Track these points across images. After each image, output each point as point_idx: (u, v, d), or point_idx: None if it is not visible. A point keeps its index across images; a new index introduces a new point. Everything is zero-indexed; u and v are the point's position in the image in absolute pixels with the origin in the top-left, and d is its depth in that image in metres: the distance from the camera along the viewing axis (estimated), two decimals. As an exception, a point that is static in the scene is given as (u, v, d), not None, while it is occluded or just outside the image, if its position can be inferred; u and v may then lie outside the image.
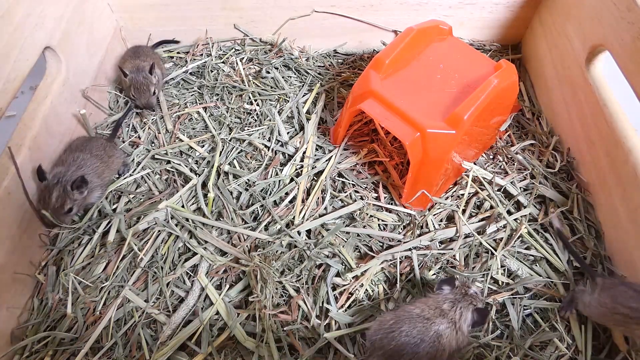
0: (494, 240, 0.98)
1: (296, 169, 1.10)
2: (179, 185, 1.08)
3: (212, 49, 1.36)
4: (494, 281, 0.94)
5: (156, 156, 1.14)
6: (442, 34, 1.12)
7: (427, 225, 1.01)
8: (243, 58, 1.34)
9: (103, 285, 0.94)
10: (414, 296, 0.92)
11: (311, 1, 1.27)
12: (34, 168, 0.97)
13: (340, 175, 1.10)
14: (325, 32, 1.34)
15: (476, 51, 1.11)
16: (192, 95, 1.28)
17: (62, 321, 0.91)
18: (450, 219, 1.03)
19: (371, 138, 1.17)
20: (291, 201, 1.05)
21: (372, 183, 1.09)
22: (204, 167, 1.12)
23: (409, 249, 0.97)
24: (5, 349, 0.87)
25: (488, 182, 1.05)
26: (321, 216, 1.01)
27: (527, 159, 1.11)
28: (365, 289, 0.93)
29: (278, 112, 1.21)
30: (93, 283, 0.95)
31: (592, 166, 1.02)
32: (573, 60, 1.08)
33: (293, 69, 1.33)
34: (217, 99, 1.26)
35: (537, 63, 1.26)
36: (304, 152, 1.12)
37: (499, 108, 1.05)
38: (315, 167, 1.09)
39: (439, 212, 1.03)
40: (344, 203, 1.04)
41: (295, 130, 1.19)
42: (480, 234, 0.98)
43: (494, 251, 0.95)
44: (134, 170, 1.12)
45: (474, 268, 0.95)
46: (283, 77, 1.30)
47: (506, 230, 0.99)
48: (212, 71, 1.32)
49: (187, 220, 1.01)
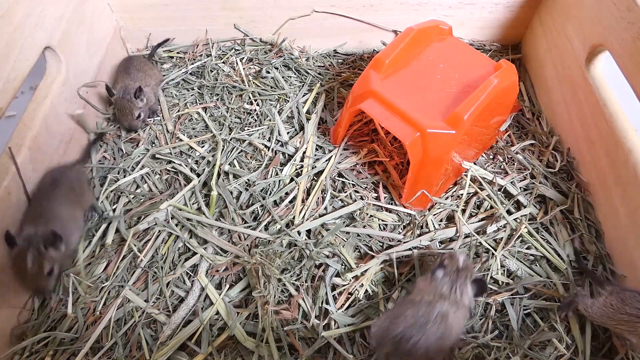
0: (494, 240, 0.98)
1: (296, 169, 1.10)
2: (181, 185, 1.08)
3: (212, 49, 1.36)
4: (494, 281, 0.94)
5: (157, 156, 1.14)
6: (442, 34, 1.12)
7: (427, 225, 1.01)
8: (243, 58, 1.34)
9: (103, 285, 0.94)
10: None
11: (311, 1, 1.27)
12: (34, 168, 0.97)
13: (340, 175, 1.10)
14: (325, 32, 1.34)
15: (476, 51, 1.11)
16: (192, 95, 1.28)
17: (63, 321, 0.91)
18: (450, 219, 1.03)
19: (371, 138, 1.17)
20: (291, 201, 1.05)
21: (372, 183, 1.09)
22: (204, 167, 1.12)
23: (409, 249, 0.97)
24: (5, 349, 0.87)
25: (488, 182, 1.05)
26: (321, 216, 1.01)
27: (527, 159, 1.11)
28: (365, 289, 0.93)
29: (278, 112, 1.21)
30: (93, 283, 0.95)
31: (592, 166, 1.02)
32: (573, 60, 1.08)
33: (293, 69, 1.33)
34: (217, 99, 1.26)
35: (537, 63, 1.26)
36: (304, 152, 1.12)
37: (499, 108, 1.05)
38: (315, 167, 1.09)
39: (439, 212, 1.03)
40: (344, 203, 1.04)
41: (295, 130, 1.19)
42: (480, 234, 0.98)
43: (494, 251, 0.95)
44: (134, 170, 1.12)
45: (474, 268, 0.95)
46: (283, 77, 1.30)
47: (506, 230, 0.99)
48: (212, 71, 1.32)
49: (188, 220, 1.01)
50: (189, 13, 1.30)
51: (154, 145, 1.18)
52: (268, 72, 1.30)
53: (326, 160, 1.11)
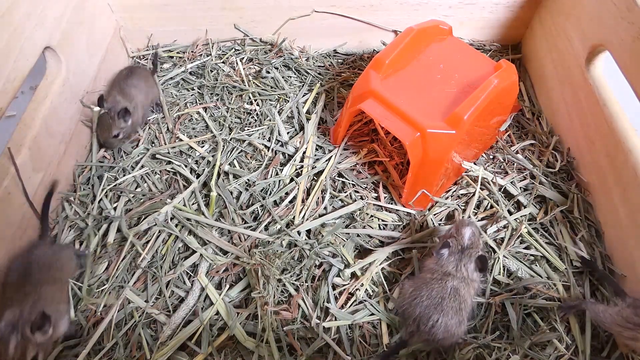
0: (494, 240, 0.98)
1: (296, 169, 1.10)
2: (180, 185, 1.08)
3: (212, 49, 1.36)
4: (495, 281, 0.94)
5: (157, 156, 1.14)
6: (442, 34, 1.12)
7: (427, 224, 1.01)
8: (243, 58, 1.34)
9: (104, 286, 0.94)
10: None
11: (311, 1, 1.27)
12: (34, 168, 0.97)
13: (340, 175, 1.10)
14: (325, 32, 1.34)
15: (476, 51, 1.11)
16: (192, 95, 1.28)
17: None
18: (450, 219, 1.03)
19: (371, 138, 1.17)
20: (291, 201, 1.05)
21: (372, 183, 1.09)
22: (204, 167, 1.12)
23: (410, 243, 0.97)
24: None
25: (488, 182, 1.05)
26: (321, 216, 1.01)
27: (527, 159, 1.11)
28: (365, 289, 0.93)
29: (278, 112, 1.21)
30: (94, 284, 0.95)
31: (592, 166, 1.02)
32: (573, 60, 1.08)
33: (293, 69, 1.33)
34: (217, 99, 1.26)
35: (537, 63, 1.26)
36: (304, 152, 1.12)
37: (499, 108, 1.05)
38: (315, 167, 1.09)
39: (439, 212, 1.03)
40: (344, 203, 1.04)
41: (295, 130, 1.19)
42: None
43: (497, 250, 0.95)
44: (134, 169, 1.12)
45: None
46: (283, 77, 1.30)
47: (507, 230, 0.99)
48: (212, 71, 1.32)
49: (189, 220, 1.01)
50: (189, 13, 1.30)
51: (154, 145, 1.18)
52: (268, 72, 1.30)
53: (326, 160, 1.11)
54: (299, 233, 0.99)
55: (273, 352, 0.85)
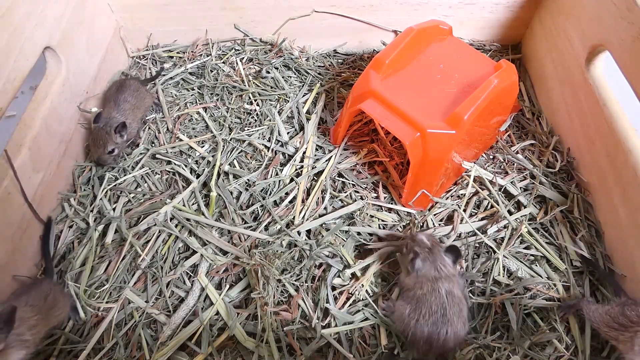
0: (494, 240, 0.98)
1: (296, 169, 1.10)
2: (180, 185, 1.08)
3: (212, 49, 1.35)
4: (495, 282, 0.94)
5: (157, 156, 1.14)
6: (442, 34, 1.12)
7: (427, 225, 1.01)
8: (243, 58, 1.34)
9: (104, 287, 0.94)
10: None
11: (311, 1, 1.27)
12: (34, 168, 0.97)
13: (340, 175, 1.10)
14: (325, 32, 1.34)
15: (476, 51, 1.11)
16: (192, 95, 1.28)
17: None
18: (450, 219, 1.03)
19: (371, 138, 1.17)
20: (291, 201, 1.05)
21: (372, 183, 1.09)
22: (204, 167, 1.12)
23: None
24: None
25: (488, 182, 1.05)
26: (321, 216, 1.01)
27: (527, 159, 1.11)
28: (365, 289, 0.93)
29: (278, 112, 1.21)
30: (94, 284, 0.95)
31: (592, 166, 1.02)
32: (573, 60, 1.08)
33: (293, 69, 1.33)
34: (217, 99, 1.26)
35: (537, 63, 1.26)
36: (304, 152, 1.12)
37: (499, 108, 1.05)
38: (315, 167, 1.09)
39: (439, 212, 1.03)
40: (344, 203, 1.04)
41: (295, 130, 1.19)
42: (480, 234, 0.98)
43: (497, 250, 0.95)
44: (134, 169, 1.12)
45: (475, 268, 0.95)
46: (283, 77, 1.30)
47: (507, 230, 0.99)
48: (212, 71, 1.32)
49: (188, 220, 1.01)
50: (189, 13, 1.30)
51: (154, 145, 1.18)
52: (268, 72, 1.30)
53: (326, 160, 1.11)
54: (299, 233, 0.99)
55: (273, 353, 0.85)
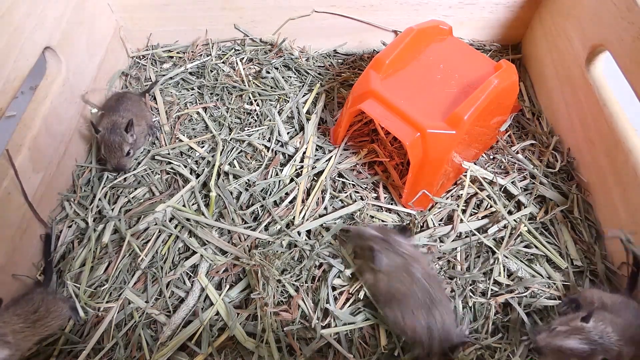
0: (494, 239, 0.98)
1: (296, 169, 1.10)
2: (180, 185, 1.08)
3: (212, 49, 1.35)
4: (495, 282, 0.94)
5: (156, 157, 1.14)
6: (442, 34, 1.12)
7: (427, 225, 1.01)
8: (243, 58, 1.34)
9: (103, 287, 0.94)
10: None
11: (311, 1, 1.27)
12: (34, 168, 0.97)
13: (340, 175, 1.10)
14: (325, 32, 1.34)
15: (476, 51, 1.11)
16: (192, 95, 1.28)
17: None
18: (450, 219, 1.03)
19: (371, 138, 1.17)
20: (291, 201, 1.05)
21: (372, 183, 1.09)
22: (204, 167, 1.12)
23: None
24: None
25: (488, 182, 1.05)
26: (321, 216, 1.01)
27: (528, 159, 1.11)
28: (365, 290, 0.93)
29: (278, 112, 1.21)
30: (94, 285, 0.95)
31: (592, 166, 1.02)
32: (573, 60, 1.08)
33: (293, 69, 1.33)
34: (217, 99, 1.26)
35: (537, 63, 1.26)
36: (304, 153, 1.12)
37: (499, 108, 1.05)
38: (315, 168, 1.09)
39: (439, 212, 1.03)
40: (344, 203, 1.04)
41: (295, 130, 1.19)
42: (480, 234, 0.98)
43: (496, 250, 0.95)
44: (135, 170, 1.12)
45: (475, 268, 0.95)
46: (283, 77, 1.30)
47: (508, 229, 0.99)
48: (212, 71, 1.32)
49: (188, 220, 1.01)
50: (189, 13, 1.30)
51: (154, 145, 1.17)
52: (268, 72, 1.30)
53: (326, 160, 1.11)
54: (299, 233, 0.99)
55: (273, 353, 0.85)
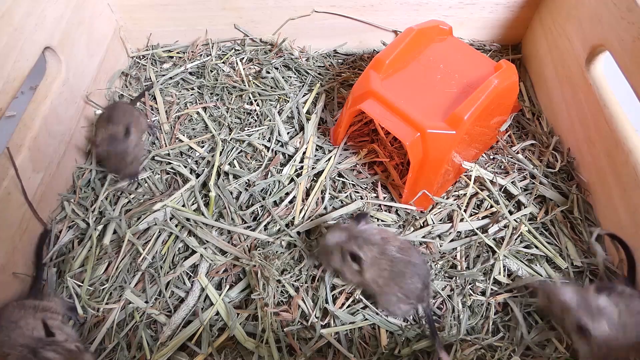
0: (494, 239, 0.98)
1: (296, 170, 1.10)
2: (180, 185, 1.08)
3: (212, 49, 1.35)
4: (495, 281, 0.94)
5: (156, 157, 1.14)
6: (442, 34, 1.12)
7: (427, 223, 1.01)
8: (243, 58, 1.34)
9: (103, 287, 0.94)
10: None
11: (311, 1, 1.27)
12: (34, 168, 0.97)
13: (340, 175, 1.10)
14: (325, 32, 1.34)
15: (476, 51, 1.11)
16: (192, 95, 1.28)
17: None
18: (450, 219, 1.03)
19: (371, 138, 1.17)
20: (291, 201, 1.05)
21: (372, 183, 1.09)
22: (204, 167, 1.12)
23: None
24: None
25: (489, 182, 1.05)
26: (321, 216, 1.01)
27: (528, 159, 1.11)
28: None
29: (278, 112, 1.21)
30: (94, 285, 0.95)
31: (592, 166, 1.02)
32: (573, 60, 1.08)
33: (293, 69, 1.33)
34: (217, 99, 1.26)
35: (537, 63, 1.26)
36: (304, 153, 1.12)
37: (499, 108, 1.05)
38: (315, 168, 1.09)
39: (439, 212, 1.03)
40: (344, 203, 1.04)
41: (295, 130, 1.19)
42: (481, 234, 0.99)
43: (497, 250, 0.95)
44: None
45: (475, 268, 0.95)
46: (283, 77, 1.30)
47: (508, 229, 0.99)
48: (212, 71, 1.32)
49: (188, 220, 1.01)
50: (189, 13, 1.30)
51: (154, 146, 1.17)
52: (268, 72, 1.30)
53: (326, 160, 1.11)
54: (299, 233, 0.99)
55: (273, 353, 0.85)
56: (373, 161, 1.12)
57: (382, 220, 1.02)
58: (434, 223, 1.01)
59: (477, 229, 0.99)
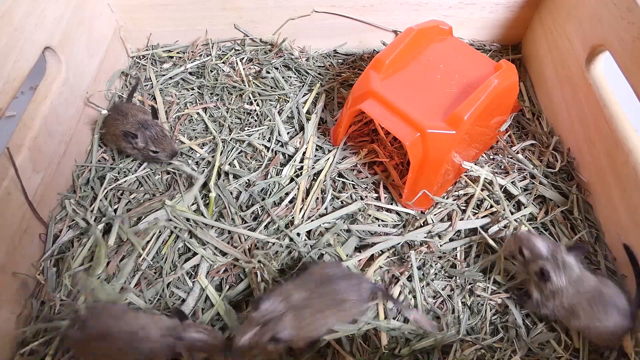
0: (494, 240, 0.98)
1: (296, 170, 1.10)
2: (180, 185, 1.08)
3: (212, 49, 1.35)
4: (494, 281, 0.94)
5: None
6: (442, 34, 1.12)
7: (427, 223, 1.01)
8: (243, 58, 1.34)
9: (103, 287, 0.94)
10: (415, 295, 0.92)
11: (311, 1, 1.27)
12: (34, 168, 0.97)
13: (340, 175, 1.10)
14: (325, 32, 1.34)
15: (476, 51, 1.11)
16: (192, 95, 1.28)
17: (66, 322, 0.91)
18: (450, 219, 1.02)
19: (371, 138, 1.17)
20: (291, 201, 1.05)
21: (372, 183, 1.09)
22: (204, 167, 1.12)
23: (408, 244, 0.98)
24: (4, 350, 0.87)
25: (488, 182, 1.05)
26: (321, 216, 1.01)
27: (528, 159, 1.11)
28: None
29: (278, 112, 1.21)
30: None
31: (592, 166, 1.02)
32: (573, 60, 1.08)
33: (293, 69, 1.33)
34: (217, 99, 1.26)
35: (537, 63, 1.26)
36: (304, 153, 1.12)
37: (499, 108, 1.05)
38: (315, 168, 1.09)
39: (439, 212, 1.03)
40: (344, 203, 1.04)
41: (295, 130, 1.19)
42: (480, 234, 0.99)
43: (497, 249, 0.95)
44: (137, 171, 1.12)
45: (474, 268, 0.95)
46: (283, 77, 1.30)
47: (509, 229, 0.99)
48: (212, 71, 1.32)
49: (188, 220, 1.01)
50: (189, 13, 1.30)
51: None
52: (268, 72, 1.30)
53: (326, 160, 1.11)
54: (299, 234, 0.99)
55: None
56: (373, 161, 1.12)
57: (383, 220, 1.03)
58: (434, 223, 1.01)
59: (478, 228, 0.99)
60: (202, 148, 1.16)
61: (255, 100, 1.25)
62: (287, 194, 1.06)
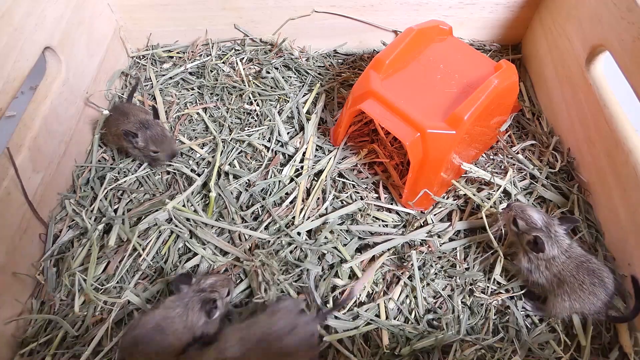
0: (493, 240, 0.98)
1: (296, 170, 1.10)
2: (180, 185, 1.08)
3: (212, 49, 1.35)
4: (495, 281, 0.94)
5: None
6: (442, 34, 1.12)
7: (427, 223, 1.01)
8: (243, 58, 1.34)
9: (103, 286, 0.94)
10: (416, 295, 0.92)
11: (311, 1, 1.27)
12: (34, 168, 0.97)
13: (340, 175, 1.10)
14: (325, 32, 1.34)
15: (476, 51, 1.11)
16: (192, 95, 1.28)
17: (65, 321, 0.91)
18: (450, 219, 1.03)
19: (371, 138, 1.17)
20: (291, 202, 1.05)
21: (372, 183, 1.09)
22: (204, 168, 1.12)
23: (409, 244, 0.98)
24: (4, 350, 0.87)
25: (488, 183, 1.05)
26: (321, 216, 1.01)
27: (528, 159, 1.11)
28: (367, 291, 0.93)
29: (278, 112, 1.21)
30: (93, 285, 0.95)
31: (592, 166, 1.02)
32: (573, 60, 1.08)
33: (293, 69, 1.33)
34: (217, 99, 1.26)
35: (537, 63, 1.26)
36: (304, 153, 1.12)
37: (499, 108, 1.05)
38: (315, 168, 1.09)
39: (439, 212, 1.03)
40: (344, 203, 1.04)
41: (295, 130, 1.19)
42: (479, 234, 0.98)
43: (497, 249, 0.95)
44: (137, 171, 1.12)
45: (475, 267, 0.95)
46: (283, 77, 1.30)
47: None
48: (212, 71, 1.32)
49: (188, 220, 1.01)
50: (189, 13, 1.30)
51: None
52: (268, 72, 1.30)
53: (326, 160, 1.11)
54: (299, 234, 0.99)
55: (273, 353, 0.85)
56: (373, 161, 1.12)
57: (383, 220, 1.03)
58: (434, 223, 1.01)
59: (477, 229, 0.99)
60: (202, 148, 1.16)
61: (255, 100, 1.25)
62: (288, 194, 1.06)
